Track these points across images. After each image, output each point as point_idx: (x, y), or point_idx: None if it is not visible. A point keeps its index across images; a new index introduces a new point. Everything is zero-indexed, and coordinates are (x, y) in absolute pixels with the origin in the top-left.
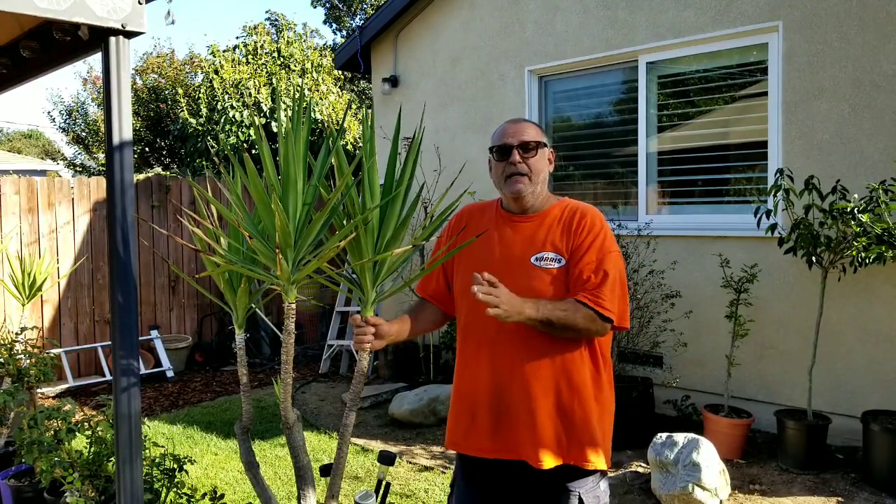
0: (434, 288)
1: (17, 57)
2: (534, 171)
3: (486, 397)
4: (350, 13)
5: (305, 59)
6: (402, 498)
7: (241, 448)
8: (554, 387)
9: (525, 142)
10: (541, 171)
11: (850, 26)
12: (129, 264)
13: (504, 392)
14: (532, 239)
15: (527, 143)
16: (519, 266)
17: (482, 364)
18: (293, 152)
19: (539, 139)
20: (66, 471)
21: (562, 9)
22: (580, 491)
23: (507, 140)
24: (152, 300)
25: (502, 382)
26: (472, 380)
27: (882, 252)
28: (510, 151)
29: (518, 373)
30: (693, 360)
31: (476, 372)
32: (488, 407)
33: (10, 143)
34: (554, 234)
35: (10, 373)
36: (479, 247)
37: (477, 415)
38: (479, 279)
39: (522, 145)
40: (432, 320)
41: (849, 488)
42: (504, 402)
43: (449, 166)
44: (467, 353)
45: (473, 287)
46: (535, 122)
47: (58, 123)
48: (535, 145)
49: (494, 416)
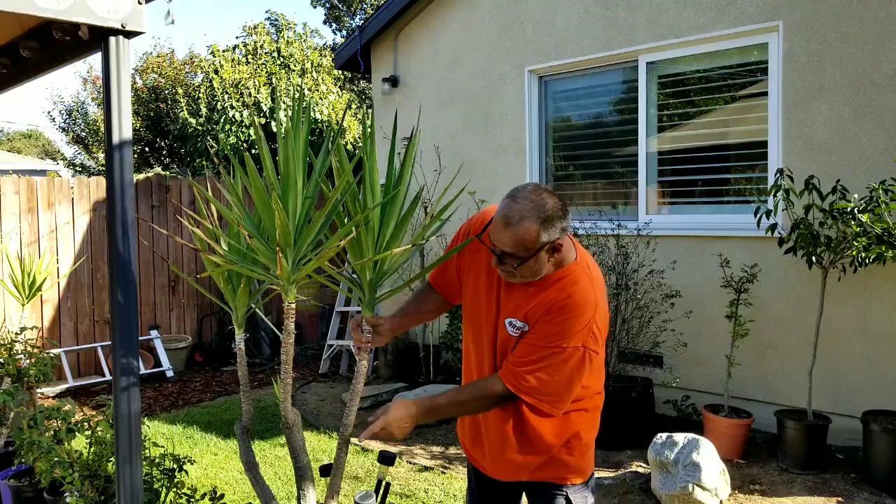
0: (444, 279)
1: (17, 57)
2: (519, 275)
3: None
4: (350, 13)
5: (305, 59)
6: (402, 498)
7: (240, 448)
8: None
9: (507, 254)
10: (529, 274)
11: (850, 26)
12: (129, 264)
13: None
14: (522, 303)
15: (509, 256)
16: (495, 322)
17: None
18: (293, 152)
19: (530, 252)
20: (66, 471)
21: (562, 9)
22: (567, 491)
23: (494, 241)
24: (152, 300)
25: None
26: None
27: (882, 252)
28: (493, 253)
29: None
30: (693, 360)
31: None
32: (476, 425)
33: (10, 143)
34: (536, 310)
35: (9, 373)
36: (479, 281)
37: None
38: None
39: (504, 256)
40: (435, 309)
41: (849, 488)
42: (486, 428)
43: (449, 166)
44: (466, 369)
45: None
46: (539, 215)
47: (58, 123)
48: (523, 259)
49: (477, 434)
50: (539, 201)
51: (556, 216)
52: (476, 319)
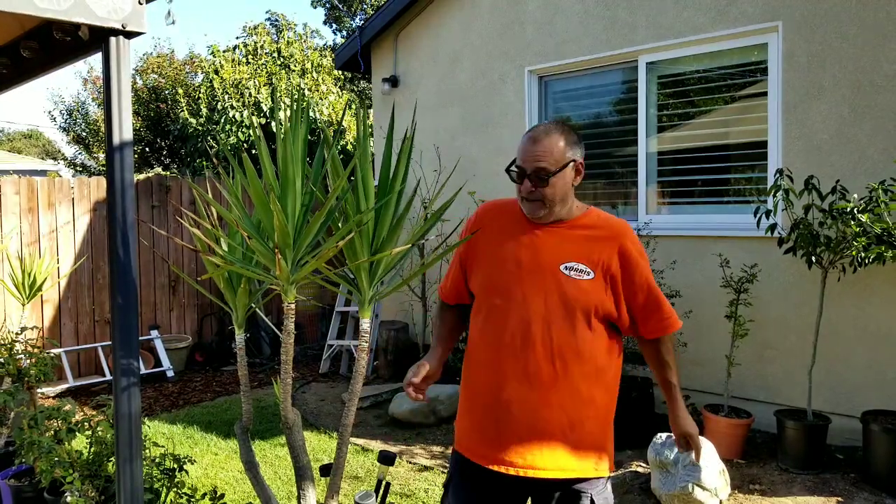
0: (457, 295)
1: (18, 57)
2: (548, 198)
3: (496, 405)
4: (350, 14)
5: (305, 60)
6: (402, 498)
7: (241, 448)
8: (569, 401)
9: (539, 169)
10: (558, 194)
11: (850, 26)
12: (129, 264)
13: (516, 404)
14: (560, 247)
15: (541, 171)
16: (547, 273)
17: (497, 372)
18: (292, 154)
19: (559, 163)
20: (66, 471)
21: (562, 9)
22: (592, 492)
23: (523, 163)
24: (152, 300)
25: (517, 395)
26: (485, 385)
27: (882, 252)
28: (524, 176)
29: (536, 387)
30: (693, 360)
31: (489, 379)
32: (497, 416)
33: (10, 143)
34: (584, 247)
35: (10, 373)
36: (505, 248)
37: (485, 419)
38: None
39: (536, 173)
40: (462, 324)
41: (849, 488)
42: (514, 414)
43: (449, 166)
44: (481, 356)
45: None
46: (563, 132)
47: (58, 123)
48: (553, 172)
49: (503, 426)
50: (560, 124)
51: (576, 139)
52: (506, 283)
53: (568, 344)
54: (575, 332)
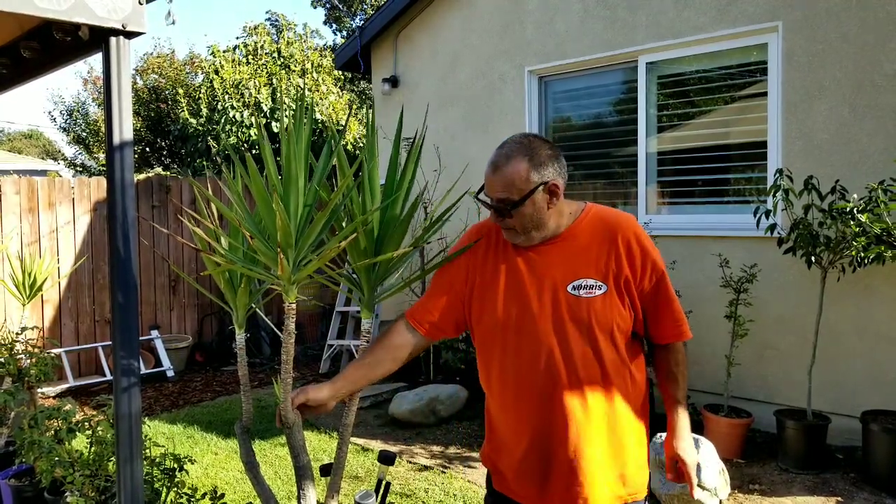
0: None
1: (18, 57)
2: (519, 227)
3: (531, 446)
4: (350, 14)
5: (306, 60)
6: (402, 497)
7: (241, 448)
8: (607, 430)
9: (501, 200)
10: (529, 223)
11: (850, 26)
12: (129, 264)
13: (554, 444)
14: (562, 266)
15: (503, 202)
16: (555, 295)
17: (526, 420)
18: (295, 151)
19: (522, 192)
20: (67, 471)
21: (562, 9)
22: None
23: (487, 192)
24: (153, 300)
25: (553, 436)
26: (515, 427)
27: (881, 252)
28: (490, 207)
29: (572, 424)
30: (692, 360)
31: (519, 421)
32: (534, 457)
33: (10, 143)
34: (589, 257)
35: (10, 372)
36: (504, 277)
37: (524, 463)
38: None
39: (499, 204)
40: (407, 355)
41: (848, 488)
42: (553, 454)
43: (449, 166)
44: (507, 401)
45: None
46: (528, 152)
47: (58, 123)
48: (516, 202)
49: (542, 465)
50: (526, 143)
51: (547, 156)
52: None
53: (595, 372)
54: (600, 357)
